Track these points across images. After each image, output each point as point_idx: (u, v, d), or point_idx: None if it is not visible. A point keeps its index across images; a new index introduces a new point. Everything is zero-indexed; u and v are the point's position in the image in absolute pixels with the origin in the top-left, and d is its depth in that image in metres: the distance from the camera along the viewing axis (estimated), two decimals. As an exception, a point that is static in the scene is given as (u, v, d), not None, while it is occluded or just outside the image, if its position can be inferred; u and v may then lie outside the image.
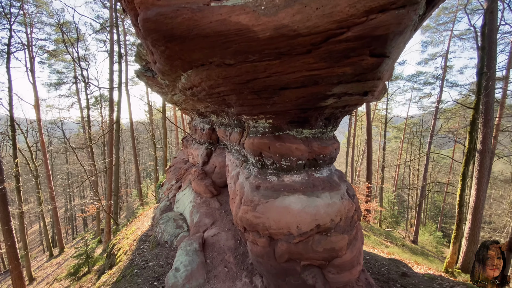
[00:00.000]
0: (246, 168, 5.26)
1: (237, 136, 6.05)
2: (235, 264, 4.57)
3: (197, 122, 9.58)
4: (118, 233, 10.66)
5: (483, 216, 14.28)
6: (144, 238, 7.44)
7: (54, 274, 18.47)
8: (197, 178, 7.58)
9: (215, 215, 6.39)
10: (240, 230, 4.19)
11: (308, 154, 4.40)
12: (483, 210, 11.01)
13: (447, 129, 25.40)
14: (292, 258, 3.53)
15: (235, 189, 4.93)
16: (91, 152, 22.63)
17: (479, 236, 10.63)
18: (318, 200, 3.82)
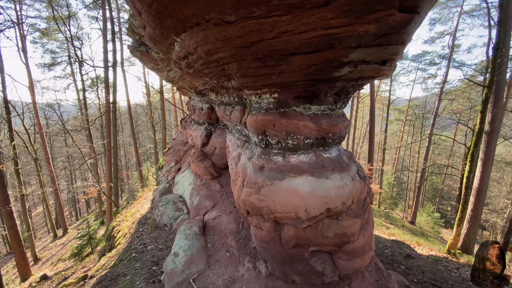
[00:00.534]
0: (248, 148, 4.89)
1: (238, 114, 5.63)
2: (237, 248, 4.32)
3: (195, 102, 9.10)
4: (118, 216, 10.52)
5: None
6: (143, 221, 7.23)
7: (58, 254, 18.70)
8: (196, 159, 7.24)
9: (216, 197, 6.11)
10: (243, 214, 3.89)
11: (317, 133, 4.01)
12: (487, 192, 10.83)
13: (450, 110, 24.87)
14: (300, 243, 3.24)
15: (237, 170, 4.59)
16: (89, 135, 22.25)
17: (480, 218, 10.51)
18: (328, 181, 3.48)
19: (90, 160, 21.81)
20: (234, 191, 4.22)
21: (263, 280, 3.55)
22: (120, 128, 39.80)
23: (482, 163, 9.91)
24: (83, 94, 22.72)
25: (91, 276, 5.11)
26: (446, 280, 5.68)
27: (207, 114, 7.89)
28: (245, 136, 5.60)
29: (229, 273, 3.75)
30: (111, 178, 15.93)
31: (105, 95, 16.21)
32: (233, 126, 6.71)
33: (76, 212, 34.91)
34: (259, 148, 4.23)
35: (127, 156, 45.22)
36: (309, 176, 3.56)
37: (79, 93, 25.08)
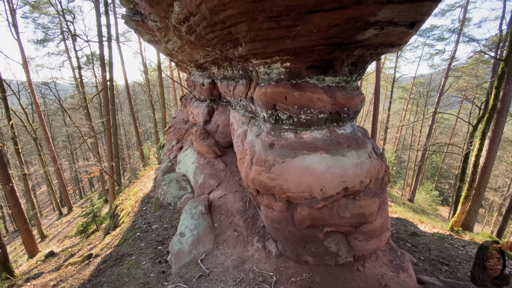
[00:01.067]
0: (255, 125, 4.58)
1: (242, 89, 5.24)
2: (245, 227, 4.16)
3: (195, 77, 8.63)
4: (120, 194, 10.44)
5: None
6: (147, 200, 7.09)
7: (65, 231, 19.02)
8: (199, 138, 6.95)
9: (220, 176, 5.90)
10: (252, 193, 3.66)
11: (331, 107, 3.69)
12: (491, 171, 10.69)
13: (456, 88, 24.18)
14: (314, 224, 3.04)
15: (244, 148, 4.31)
16: (87, 114, 21.78)
17: (483, 196, 10.45)
18: (345, 159, 3.21)
19: (90, 139, 21.55)
20: (242, 170, 3.97)
21: (273, 260, 3.40)
22: (119, 107, 39.13)
23: (489, 141, 9.65)
24: (79, 72, 21.90)
25: (95, 255, 5.03)
26: (454, 258, 5.64)
27: (209, 89, 7.47)
28: (250, 112, 5.26)
29: (238, 253, 3.60)
30: (112, 157, 15.74)
31: (101, 71, 15.56)
32: (237, 102, 6.34)
33: (80, 190, 35.32)
34: (268, 124, 3.92)
35: (127, 135, 44.92)
36: (323, 153, 3.28)
37: (75, 71, 24.19)
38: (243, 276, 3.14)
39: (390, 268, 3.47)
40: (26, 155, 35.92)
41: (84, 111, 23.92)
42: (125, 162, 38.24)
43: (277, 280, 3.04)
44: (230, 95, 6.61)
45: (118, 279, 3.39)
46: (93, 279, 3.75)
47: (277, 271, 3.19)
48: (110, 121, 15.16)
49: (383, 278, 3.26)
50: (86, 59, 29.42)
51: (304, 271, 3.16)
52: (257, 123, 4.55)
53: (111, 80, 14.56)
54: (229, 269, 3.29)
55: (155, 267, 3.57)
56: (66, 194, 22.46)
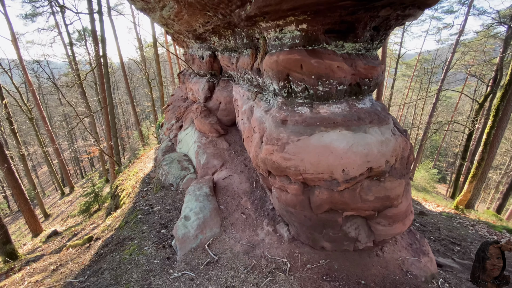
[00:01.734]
0: (262, 100, 4.15)
1: (247, 60, 4.74)
2: (253, 210, 3.89)
3: (194, 50, 7.99)
4: (120, 175, 10.18)
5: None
6: (147, 180, 6.81)
7: (68, 211, 19.07)
8: (200, 115, 6.51)
9: (224, 156, 5.55)
10: (262, 175, 3.33)
11: (351, 77, 3.25)
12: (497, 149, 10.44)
13: (462, 64, 23.31)
14: (334, 208, 2.74)
15: (251, 126, 3.92)
16: (82, 92, 21.03)
17: (487, 174, 10.27)
18: (368, 136, 2.84)
19: (87, 119, 20.98)
20: (250, 149, 3.61)
21: (286, 245, 3.15)
22: (115, 86, 38.00)
23: (499, 119, 9.29)
24: (71, 48, 20.80)
25: (96, 238, 4.81)
26: (464, 238, 5.48)
27: (209, 63, 6.90)
28: (257, 86, 4.79)
29: (247, 238, 3.35)
30: (110, 137, 15.32)
31: (94, 47, 14.66)
32: (240, 76, 5.83)
33: (81, 170, 35.26)
34: (279, 98, 3.50)
35: (125, 115, 44.09)
36: (344, 130, 2.91)
37: (67, 47, 22.98)
38: (255, 262, 2.90)
39: (411, 252, 3.23)
40: (24, 135, 35.35)
41: (79, 90, 23.12)
42: (124, 142, 37.88)
43: (292, 267, 2.80)
44: (233, 69, 6.09)
45: (120, 266, 3.15)
46: (94, 265, 3.52)
47: (291, 257, 2.94)
48: (106, 99, 14.55)
49: (404, 264, 3.03)
50: (78, 35, 27.98)
51: (321, 257, 2.91)
52: (265, 98, 4.11)
53: (105, 55, 13.74)
54: (239, 255, 3.04)
55: (159, 253, 3.33)
56: (66, 174, 22.31)
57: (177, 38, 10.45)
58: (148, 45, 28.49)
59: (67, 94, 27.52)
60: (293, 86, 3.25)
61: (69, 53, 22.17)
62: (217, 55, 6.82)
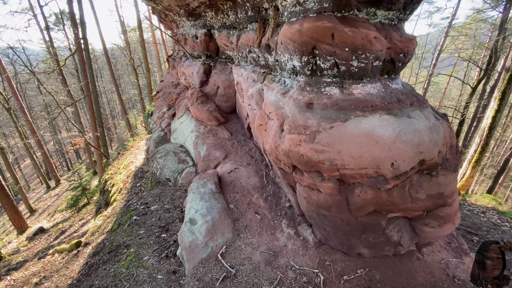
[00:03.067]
0: (275, 81, 3.53)
1: (252, 36, 4.06)
2: (267, 208, 3.37)
3: (186, 29, 7.14)
4: (109, 168, 9.40)
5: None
6: (140, 174, 6.14)
7: (54, 205, 18.11)
8: (196, 102, 5.82)
9: (227, 146, 4.96)
10: (282, 169, 2.78)
11: (386, 52, 2.70)
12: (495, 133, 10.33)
13: (453, 48, 23.16)
14: (379, 210, 2.24)
15: (263, 112, 3.32)
16: (63, 80, 19.53)
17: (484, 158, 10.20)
18: (415, 122, 2.32)
19: (70, 108, 19.58)
20: (265, 139, 3.04)
21: (313, 251, 2.67)
22: (98, 74, 35.86)
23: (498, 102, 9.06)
24: (48, 33, 19.04)
25: (85, 243, 4.19)
26: (479, 226, 5.22)
27: (204, 42, 6.13)
28: (265, 66, 4.16)
29: (266, 243, 2.84)
30: (96, 127, 14.28)
31: (73, 30, 13.30)
32: (242, 56, 5.15)
33: (66, 162, 33.68)
34: (301, 76, 2.90)
35: (110, 104, 41.98)
36: (384, 114, 2.38)
37: (43, 32, 21.07)
38: (281, 275, 2.41)
39: (451, 252, 2.83)
40: (4, 127, 33.24)
41: (59, 77, 21.51)
42: (111, 132, 36.30)
43: (326, 279, 2.33)
44: (232, 48, 5.38)
45: (115, 283, 2.58)
46: (83, 279, 2.93)
47: (322, 267, 2.47)
48: (89, 86, 13.39)
49: (448, 267, 2.62)
50: (55, 19, 25.89)
51: (357, 265, 2.45)
52: (277, 79, 3.50)
53: (85, 38, 12.47)
54: (260, 266, 2.54)
55: (163, 265, 2.78)
56: (51, 166, 21.09)
57: (165, 19, 9.46)
58: (132, 29, 26.67)
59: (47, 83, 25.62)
60: (319, 62, 2.66)
61: (46, 38, 20.40)
62: (213, 34, 6.05)
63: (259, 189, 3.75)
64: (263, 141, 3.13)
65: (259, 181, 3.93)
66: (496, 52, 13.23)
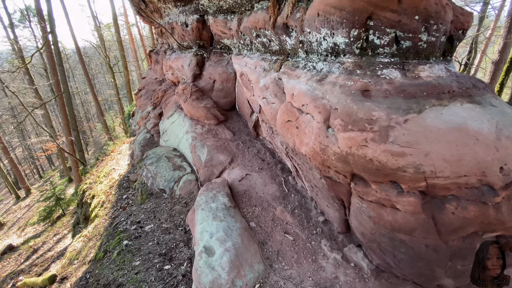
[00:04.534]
0: (299, 67, 2.84)
1: (263, 16, 3.34)
2: (298, 225, 2.69)
3: (173, 17, 6.25)
4: (87, 176, 8.24)
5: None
6: (126, 184, 5.21)
7: (25, 217, 16.27)
8: (190, 98, 4.99)
9: (231, 148, 4.21)
10: (329, 178, 2.11)
11: (449, 26, 2.11)
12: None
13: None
14: (480, 230, 1.64)
15: (291, 105, 2.61)
16: (30, 80, 17.57)
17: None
18: (507, 111, 1.76)
19: (39, 111, 17.62)
20: (298, 139, 2.35)
21: (373, 283, 2.03)
22: (70, 74, 33.13)
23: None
24: (12, 30, 17.00)
25: (62, 277, 3.28)
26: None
27: (196, 30, 5.30)
28: (279, 52, 3.46)
29: (310, 275, 2.16)
30: (69, 131, 12.79)
31: (40, 21, 11.71)
32: (244, 44, 4.40)
33: (37, 170, 30.82)
34: (347, 57, 2.23)
35: (85, 106, 39.04)
36: (466, 102, 1.78)
37: (7, 29, 18.85)
38: (343, 325, 1.75)
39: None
40: (-41, 133, 29.75)
41: (26, 77, 19.43)
42: (87, 135, 33.77)
43: (406, 327, 1.71)
44: (231, 35, 4.62)
45: None
46: None
47: (393, 307, 1.85)
48: (60, 85, 11.90)
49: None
50: (21, 15, 23.48)
51: (439, 301, 1.85)
52: (303, 64, 2.82)
53: (53, 32, 11.01)
54: (311, 311, 1.87)
55: (173, 316, 2.02)
56: (19, 175, 18.99)
57: (145, 9, 8.42)
58: (107, 25, 24.75)
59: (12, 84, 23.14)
60: (372, 37, 2.01)
61: (11, 36, 18.30)
62: (206, 20, 5.24)
63: (280, 200, 3.06)
64: (294, 141, 2.44)
65: (278, 189, 3.24)
66: (476, 47, 13.51)
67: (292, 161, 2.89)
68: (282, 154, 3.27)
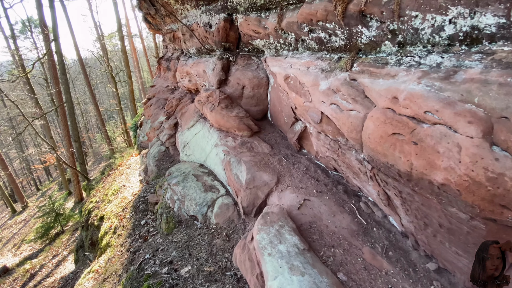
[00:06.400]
0: (390, 63, 2.17)
1: (323, 6, 2.68)
2: (403, 276, 1.94)
3: (191, 18, 5.61)
4: (92, 192, 7.41)
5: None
6: (143, 206, 4.41)
7: (21, 233, 15.19)
8: (219, 106, 4.28)
9: (273, 165, 3.48)
10: (491, 221, 1.38)
11: None
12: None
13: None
14: None
15: (388, 116, 1.91)
16: (30, 90, 16.82)
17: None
18: None
19: (38, 121, 16.76)
20: (428, 161, 1.64)
21: None
22: (71, 84, 32.45)
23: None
24: (14, 41, 16.39)
25: None
26: None
27: (223, 31, 4.64)
28: (344, 48, 2.78)
29: None
30: (70, 143, 11.95)
31: (42, 30, 11.03)
32: (286, 44, 3.73)
33: (35, 181, 29.55)
34: (502, 45, 1.55)
35: (84, 116, 38.11)
36: None
37: (8, 40, 18.27)
38: None
39: None
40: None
41: (26, 87, 18.68)
42: (86, 146, 32.74)
43: None
44: (266, 35, 3.96)
45: None
46: None
47: None
48: (62, 96, 11.14)
49: None
50: (22, 26, 23.04)
51: None
52: (396, 58, 2.14)
53: (56, 39, 10.33)
54: None
55: None
56: (16, 187, 17.97)
57: (154, 16, 7.82)
58: (110, 35, 24.29)
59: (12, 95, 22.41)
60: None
61: (12, 47, 17.73)
62: (234, 20, 4.60)
63: (361, 236, 2.32)
64: (409, 162, 1.72)
65: (352, 220, 2.49)
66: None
67: (384, 187, 2.17)
68: (358, 174, 2.55)
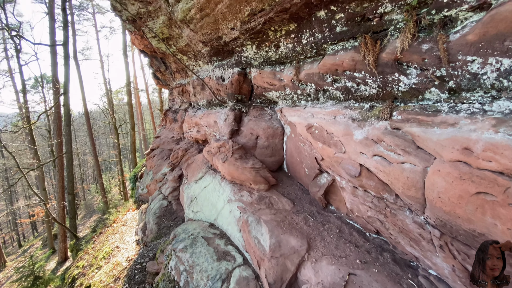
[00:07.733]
0: (443, 111, 1.95)
1: (349, 56, 2.59)
2: None
3: (202, 73, 5.72)
4: (80, 254, 6.45)
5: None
6: (139, 276, 3.64)
7: (-9, 301, 13.08)
8: (232, 157, 3.94)
9: (300, 226, 2.95)
10: None
11: None
12: None
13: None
14: None
15: (464, 171, 1.56)
16: (31, 141, 16.69)
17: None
18: None
19: (34, 172, 16.12)
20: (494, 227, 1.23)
21: None
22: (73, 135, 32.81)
23: None
24: (24, 95, 17.05)
25: None
26: None
27: (236, 84, 4.63)
28: (376, 96, 2.60)
29: None
30: (63, 196, 11.18)
31: (54, 84, 11.41)
32: (304, 94, 3.61)
33: (18, 236, 27.08)
34: None
35: (82, 167, 37.40)
36: None
37: (19, 94, 19.05)
38: None
39: None
40: None
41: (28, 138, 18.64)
42: (79, 197, 31.25)
43: None
44: (281, 86, 3.89)
45: None
46: None
47: None
48: (63, 146, 10.88)
49: None
50: (35, 82, 24.46)
51: None
52: (449, 106, 1.90)
53: (66, 93, 10.59)
54: None
55: None
56: (-4, 245, 16.22)
57: (163, 72, 8.17)
58: (117, 91, 25.68)
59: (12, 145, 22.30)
60: None
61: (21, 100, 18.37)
62: (248, 73, 4.65)
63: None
64: (503, 230, 1.29)
65: (418, 304, 1.90)
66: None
67: (464, 260, 1.67)
68: (418, 242, 2.06)
